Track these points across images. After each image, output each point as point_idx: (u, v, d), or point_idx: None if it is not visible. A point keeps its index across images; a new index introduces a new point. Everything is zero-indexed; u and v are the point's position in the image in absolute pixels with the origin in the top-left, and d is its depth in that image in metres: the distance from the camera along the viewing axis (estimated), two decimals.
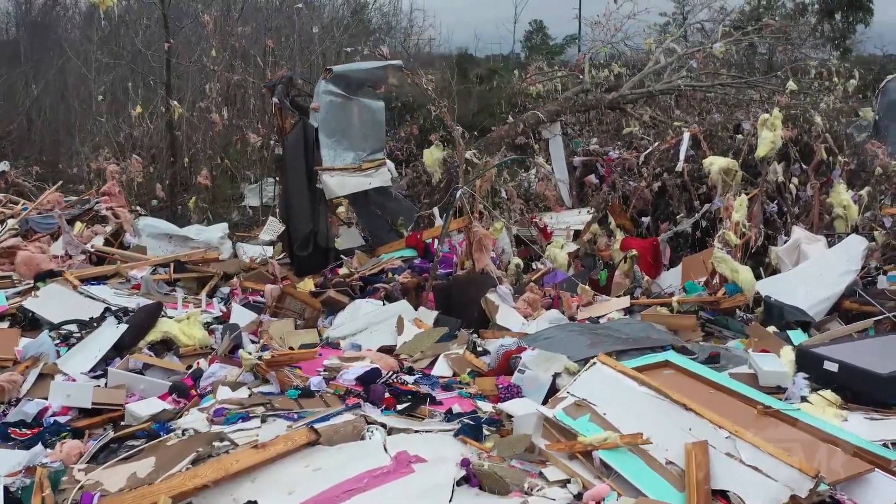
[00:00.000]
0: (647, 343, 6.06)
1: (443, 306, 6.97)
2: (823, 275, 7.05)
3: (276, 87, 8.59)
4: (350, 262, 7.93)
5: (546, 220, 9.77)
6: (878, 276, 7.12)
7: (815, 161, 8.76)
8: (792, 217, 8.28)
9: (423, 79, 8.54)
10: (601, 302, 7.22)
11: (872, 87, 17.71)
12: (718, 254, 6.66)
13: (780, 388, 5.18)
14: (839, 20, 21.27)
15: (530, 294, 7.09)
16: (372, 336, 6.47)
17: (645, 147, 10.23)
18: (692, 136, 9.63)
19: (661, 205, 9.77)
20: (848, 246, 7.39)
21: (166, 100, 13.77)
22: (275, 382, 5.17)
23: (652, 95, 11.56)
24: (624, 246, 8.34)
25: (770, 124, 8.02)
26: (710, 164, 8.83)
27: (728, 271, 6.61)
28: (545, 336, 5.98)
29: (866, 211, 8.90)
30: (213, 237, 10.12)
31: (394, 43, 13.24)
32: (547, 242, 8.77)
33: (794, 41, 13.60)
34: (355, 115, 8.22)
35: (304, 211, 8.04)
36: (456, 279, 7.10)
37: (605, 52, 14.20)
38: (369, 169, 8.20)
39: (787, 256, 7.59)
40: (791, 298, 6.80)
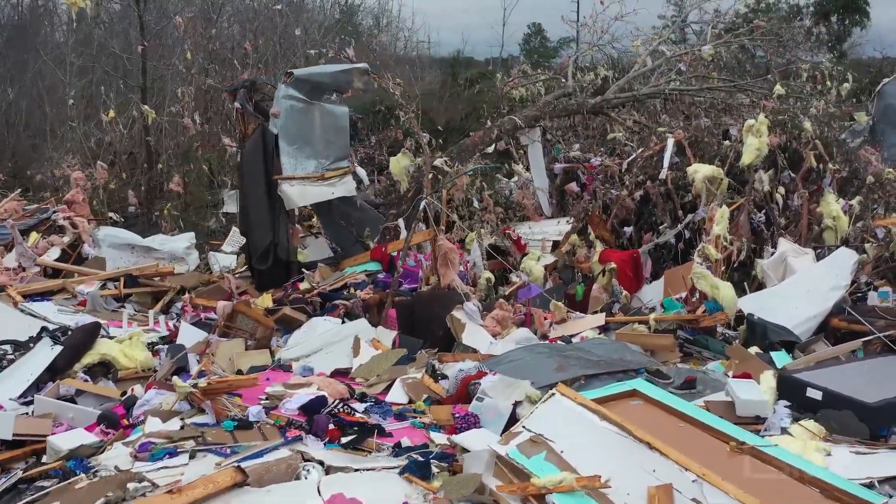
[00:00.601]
0: (620, 366, 5.70)
1: (406, 325, 6.60)
2: (811, 291, 6.68)
3: (237, 92, 8.22)
4: (311, 277, 7.55)
5: (524, 229, 9.41)
6: (869, 291, 6.76)
7: (804, 169, 8.41)
8: (779, 228, 7.91)
9: (389, 82, 8.18)
10: (575, 319, 6.85)
11: (868, 91, 17.42)
12: (698, 269, 6.29)
13: (759, 417, 4.81)
14: (835, 22, 20.95)
15: (499, 311, 6.72)
16: (327, 357, 6.10)
17: (628, 154, 9.86)
18: (677, 143, 9.27)
19: (645, 214, 9.42)
20: (837, 260, 7.02)
21: (139, 104, 13.40)
22: (210, 412, 4.79)
23: (637, 100, 11.20)
24: (602, 258, 7.98)
25: (756, 130, 7.67)
26: (694, 171, 8.46)
27: (708, 288, 6.24)
28: (509, 359, 5.61)
29: (858, 221, 8.54)
30: (178, 247, 9.76)
31: (365, 44, 12.74)
32: (521, 255, 8.39)
33: (786, 43, 13.25)
34: (317, 121, 7.85)
35: (262, 222, 7.67)
36: (419, 296, 6.73)
37: (591, 55, 13.85)
38: (333, 178, 7.83)
39: (772, 270, 7.23)
40: (776, 316, 6.44)
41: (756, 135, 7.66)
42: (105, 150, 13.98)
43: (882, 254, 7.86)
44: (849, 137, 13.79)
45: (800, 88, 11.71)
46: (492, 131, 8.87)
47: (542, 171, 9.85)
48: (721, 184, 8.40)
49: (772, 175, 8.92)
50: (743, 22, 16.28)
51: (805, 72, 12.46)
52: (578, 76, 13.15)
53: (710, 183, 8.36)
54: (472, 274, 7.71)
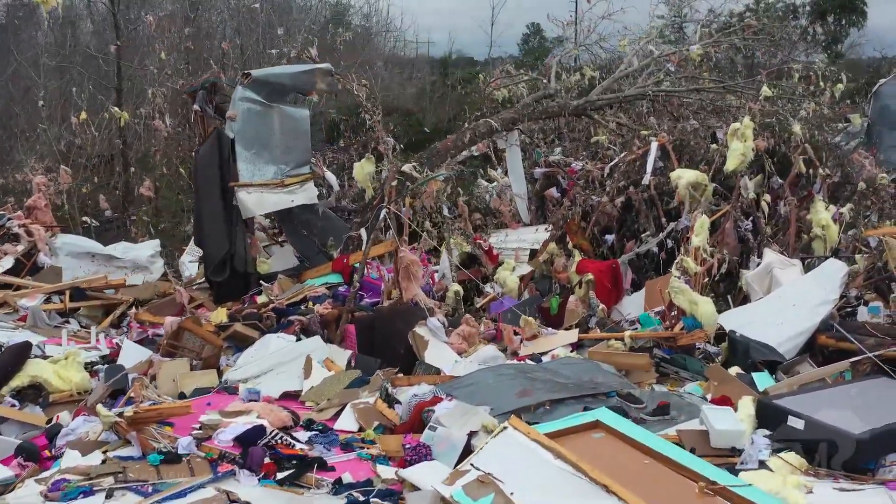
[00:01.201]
0: (589, 389, 5.33)
1: (365, 342, 6.23)
2: (797, 305, 6.31)
3: (197, 93, 7.84)
4: (270, 289, 7.16)
5: (501, 237, 9.03)
6: (859, 306, 6.38)
7: (792, 174, 8.04)
8: (764, 237, 7.54)
9: (354, 84, 7.80)
10: (547, 336, 6.48)
11: (865, 92, 17.08)
12: (676, 283, 5.91)
13: (735, 449, 4.44)
14: (831, 22, 20.60)
15: (466, 327, 6.35)
16: (278, 379, 5.73)
17: (611, 158, 9.50)
18: (661, 147, 8.90)
19: (628, 222, 9.06)
20: (825, 272, 6.65)
21: (113, 106, 13.00)
22: (136, 444, 4.41)
23: (620, 101, 10.83)
24: (580, 269, 7.60)
25: (741, 134, 7.30)
26: (677, 177, 8.10)
27: (686, 303, 5.87)
28: (469, 382, 5.24)
29: (849, 229, 8.18)
30: (142, 256, 9.38)
31: (329, 43, 12.19)
32: (493, 266, 8.01)
33: (778, 43, 12.89)
34: (276, 124, 7.47)
35: (218, 232, 7.28)
36: (379, 311, 6.35)
37: (577, 55, 13.47)
38: (293, 184, 7.45)
39: (757, 283, 6.86)
40: (759, 333, 6.07)
41: (741, 139, 7.29)
42: (76, 153, 13.59)
43: (874, 263, 7.48)
44: (844, 139, 13.50)
45: (791, 89, 11.34)
46: (464, 135, 8.49)
47: (520, 176, 9.47)
48: (706, 190, 8.04)
49: (760, 181, 8.57)
50: (737, 21, 15.94)
51: (797, 72, 12.08)
52: (564, 77, 12.78)
53: (694, 189, 8.01)
54: (440, 287, 7.32)
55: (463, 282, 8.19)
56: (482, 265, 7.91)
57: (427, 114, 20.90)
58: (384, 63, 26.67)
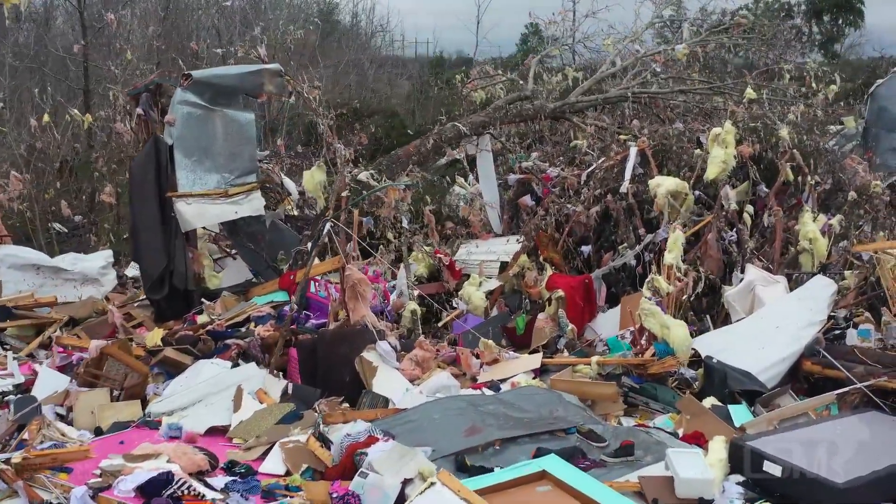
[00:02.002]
0: (547, 424, 4.86)
1: (308, 369, 5.73)
2: (781, 328, 5.83)
3: (140, 96, 7.34)
4: (212, 308, 6.65)
5: (471, 248, 8.52)
6: (848, 328, 5.88)
7: (779, 183, 7.54)
8: (747, 251, 7.04)
9: (304, 86, 7.30)
10: (508, 360, 5.98)
11: (861, 92, 16.59)
12: (646, 305, 5.41)
13: (703, 500, 3.96)
14: (827, 22, 20.13)
15: (419, 351, 5.85)
16: (207, 411, 5.23)
17: (588, 163, 9.00)
18: (640, 152, 8.40)
19: (605, 232, 8.56)
20: (812, 290, 6.17)
21: (74, 109, 12.47)
22: (23, 495, 3.91)
23: (600, 104, 10.35)
24: (550, 284, 7.11)
25: (721, 140, 6.81)
26: (656, 185, 7.62)
27: (657, 327, 5.38)
28: (410, 418, 4.75)
29: (841, 240, 7.68)
30: (92, 267, 8.84)
31: (279, 41, 11.52)
32: (455, 282, 7.51)
33: (770, 42, 12.40)
34: (219, 129, 6.96)
35: (155, 246, 6.76)
36: (322, 335, 5.85)
37: (559, 54, 12.98)
38: (238, 194, 6.95)
39: (739, 301, 6.37)
40: (739, 358, 5.58)
41: (722, 145, 6.80)
42: (37, 157, 13.07)
43: (867, 278, 6.97)
44: (840, 142, 13.01)
45: (782, 91, 10.84)
46: (428, 140, 7.99)
47: (491, 183, 8.97)
48: (686, 200, 7.55)
49: (745, 189, 8.08)
50: (729, 19, 15.44)
51: (788, 73, 11.59)
52: (545, 78, 12.30)
53: (674, 198, 7.52)
54: (398, 305, 6.81)
55: (427, 298, 7.70)
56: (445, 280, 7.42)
57: (415, 115, 20.43)
58: (370, 62, 26.25)
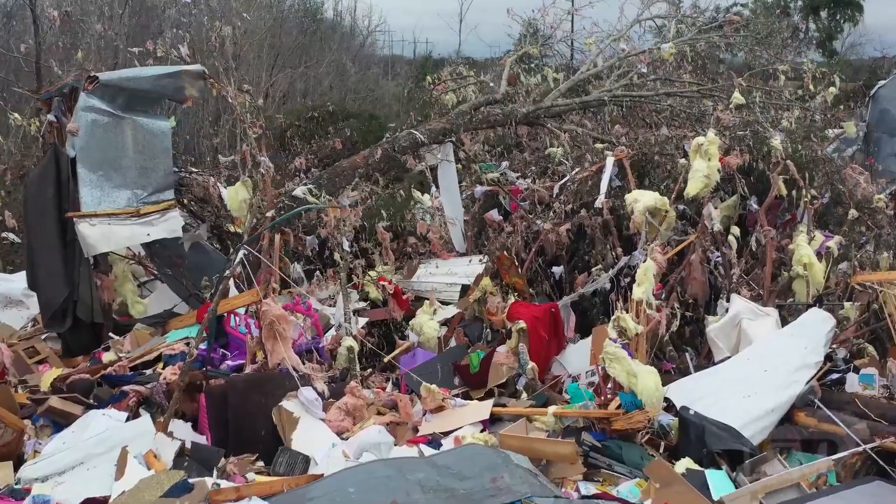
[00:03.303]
0: (487, 496, 4.08)
1: (219, 421, 4.96)
2: (770, 371, 5.08)
3: (52, 100, 6.57)
4: (120, 344, 5.89)
5: (431, 268, 7.76)
6: (847, 372, 5.12)
7: (770, 198, 6.79)
8: (731, 278, 6.29)
9: (230, 90, 6.54)
10: (455, 407, 5.21)
11: (863, 94, 15.90)
12: (610, 348, 4.65)
13: None
14: (825, 18, 19.41)
15: (350, 398, 5.09)
16: (89, 475, 4.46)
17: (562, 174, 8.26)
18: (618, 162, 7.66)
19: (580, 251, 7.80)
20: (806, 325, 5.42)
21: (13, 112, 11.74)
22: None
23: (575, 109, 9.61)
24: (511, 314, 6.34)
25: (704, 151, 6.05)
26: (633, 200, 6.87)
27: (623, 375, 4.61)
28: (319, 493, 3.98)
29: (841, 262, 6.91)
30: (15, 289, 8.09)
31: (203, 40, 10.62)
32: (402, 312, 6.74)
33: (764, 41, 11.68)
34: (129, 140, 6.19)
35: (55, 272, 5.98)
36: (234, 381, 5.08)
37: (535, 54, 12.24)
38: (152, 214, 6.19)
39: (722, 337, 5.62)
40: (720, 409, 4.85)
41: (704, 157, 6.05)
42: None
43: (870, 302, 6.17)
44: (840, 146, 12.31)
45: (777, 94, 10.11)
46: (376, 151, 7.23)
47: (454, 196, 8.21)
48: (667, 217, 6.80)
49: (734, 203, 7.33)
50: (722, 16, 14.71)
51: (784, 74, 10.85)
52: (523, 79, 11.57)
53: (653, 215, 6.76)
54: (335, 341, 6.02)
55: (377, 326, 6.95)
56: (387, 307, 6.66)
57: (399, 118, 19.74)
58: (353, 62, 25.54)
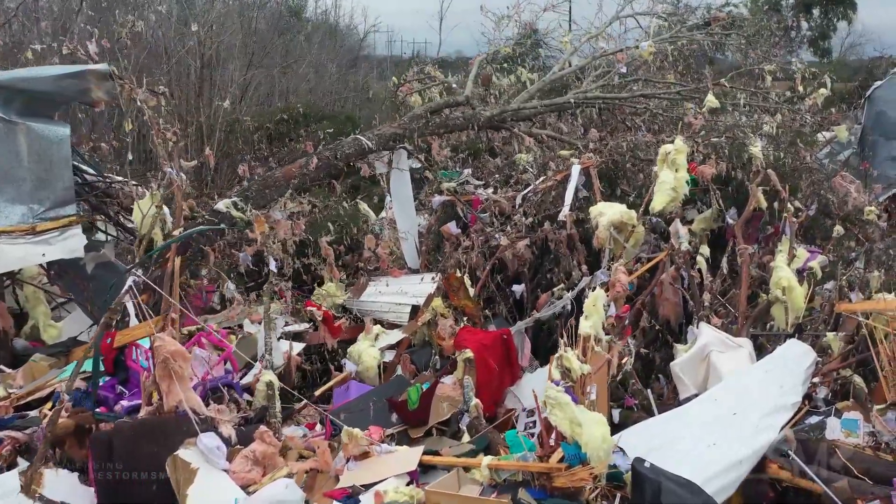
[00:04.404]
0: None
1: (106, 473, 4.34)
2: (740, 414, 4.48)
3: None
4: (11, 378, 5.27)
5: (381, 286, 7.16)
6: (829, 416, 4.50)
7: (747, 211, 6.21)
8: (700, 304, 5.70)
9: (140, 91, 5.93)
10: (381, 454, 4.60)
11: (859, 96, 15.38)
12: (552, 392, 4.04)
13: None
14: (818, 16, 18.84)
15: (259, 445, 4.48)
16: None
17: (526, 183, 7.67)
18: (584, 171, 7.08)
19: (544, 268, 7.22)
20: (783, 360, 4.83)
21: None
22: None
23: (540, 112, 9.02)
24: (458, 342, 5.75)
25: (671, 161, 5.46)
26: (598, 214, 6.30)
27: (566, 423, 4.00)
28: None
29: (827, 281, 6.31)
30: None
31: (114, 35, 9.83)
32: (334, 340, 6.13)
33: (751, 39, 11.09)
34: (24, 149, 5.56)
35: None
36: (120, 427, 4.47)
37: (508, 53, 11.62)
38: (50, 231, 5.57)
39: (689, 372, 5.02)
40: (681, 460, 4.24)
41: (671, 167, 5.45)
42: None
43: (857, 331, 5.56)
44: (834, 150, 11.79)
45: (761, 95, 9.52)
46: (312, 159, 6.60)
47: (408, 207, 7.61)
48: (634, 233, 6.21)
49: (713, 215, 6.76)
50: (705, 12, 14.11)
51: (771, 74, 10.27)
52: (496, 79, 10.97)
53: (619, 231, 6.18)
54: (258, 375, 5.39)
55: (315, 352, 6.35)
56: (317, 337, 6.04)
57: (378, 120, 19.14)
58: (333, 62, 24.92)
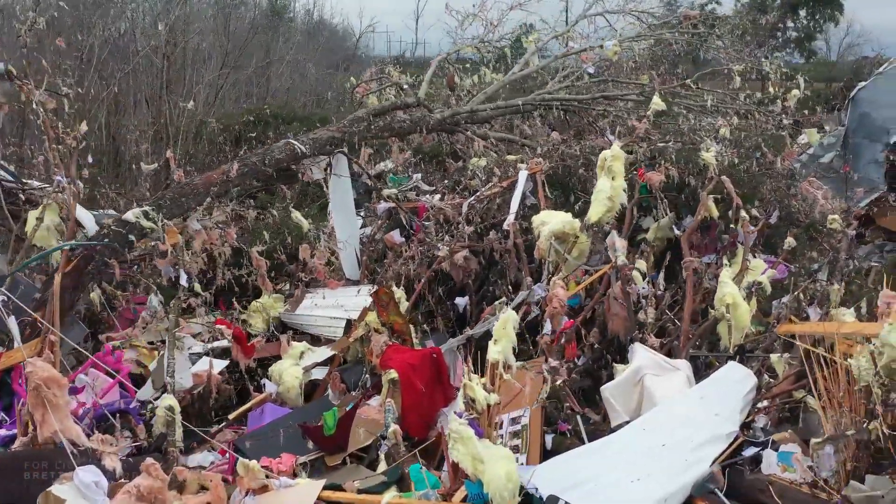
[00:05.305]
0: None
1: None
2: (669, 447, 4.13)
3: None
4: None
5: (318, 299, 6.80)
6: (765, 448, 4.14)
7: (696, 220, 5.86)
8: (632, 322, 5.34)
9: (38, 93, 5.56)
10: (280, 489, 4.24)
11: (843, 97, 15.16)
12: (455, 425, 3.68)
13: None
14: (804, 17, 18.55)
15: (145, 479, 4.09)
16: None
17: (475, 190, 7.33)
18: (532, 176, 6.74)
19: (490, 281, 6.89)
20: (721, 385, 4.48)
21: None
22: None
23: (502, 115, 8.69)
24: (383, 361, 5.39)
25: (608, 168, 5.11)
26: (540, 223, 5.96)
27: (468, 460, 3.64)
28: None
29: (781, 296, 5.94)
30: None
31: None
32: (248, 359, 5.76)
33: (725, 39, 10.76)
34: None
35: None
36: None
37: (470, 53, 11.28)
38: None
39: (621, 397, 4.66)
40: (600, 498, 3.88)
41: (608, 175, 5.10)
42: None
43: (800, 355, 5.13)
44: (817, 152, 11.54)
45: (731, 97, 9.19)
46: (233, 165, 6.24)
47: (348, 214, 7.24)
48: (579, 244, 5.87)
49: (670, 223, 6.41)
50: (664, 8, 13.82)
51: (739, 75, 9.95)
52: (457, 79, 10.62)
53: (561, 242, 5.84)
54: None
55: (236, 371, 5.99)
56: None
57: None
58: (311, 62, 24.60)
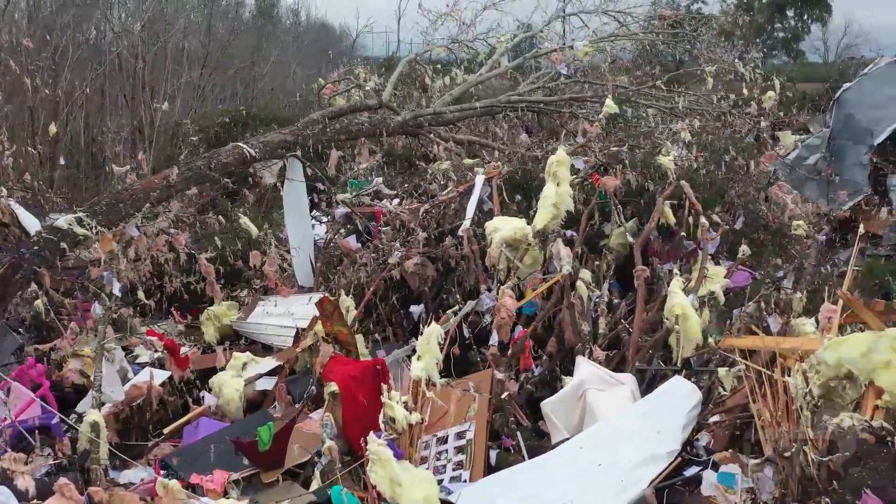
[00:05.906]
0: None
1: None
2: (606, 466, 3.96)
3: None
4: None
5: (269, 307, 6.64)
6: (706, 469, 3.97)
7: (650, 227, 5.70)
8: (578, 336, 5.18)
9: None
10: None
11: (828, 99, 15.09)
12: (375, 446, 3.51)
13: None
14: (792, 18, 18.43)
15: (58, 500, 3.93)
16: None
17: (433, 194, 7.18)
18: (489, 181, 6.58)
19: (446, 288, 6.73)
20: (663, 401, 4.31)
21: None
22: None
23: (467, 117, 8.52)
24: (326, 373, 5.22)
25: (554, 174, 4.95)
26: (492, 230, 5.80)
27: (385, 483, 3.47)
28: None
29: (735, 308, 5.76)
30: None
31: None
32: (182, 372, 5.59)
33: (700, 40, 10.59)
34: None
35: None
36: None
37: (442, 53, 11.09)
38: None
39: (562, 414, 4.50)
40: None
41: (553, 181, 4.94)
42: None
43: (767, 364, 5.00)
44: (802, 154, 11.43)
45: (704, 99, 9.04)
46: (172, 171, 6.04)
47: (302, 219, 7.08)
48: (529, 251, 5.70)
49: (633, 229, 6.25)
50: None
51: (711, 76, 9.80)
52: (429, 80, 10.47)
53: (512, 249, 5.68)
54: None
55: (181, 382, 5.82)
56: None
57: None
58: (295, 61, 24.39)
